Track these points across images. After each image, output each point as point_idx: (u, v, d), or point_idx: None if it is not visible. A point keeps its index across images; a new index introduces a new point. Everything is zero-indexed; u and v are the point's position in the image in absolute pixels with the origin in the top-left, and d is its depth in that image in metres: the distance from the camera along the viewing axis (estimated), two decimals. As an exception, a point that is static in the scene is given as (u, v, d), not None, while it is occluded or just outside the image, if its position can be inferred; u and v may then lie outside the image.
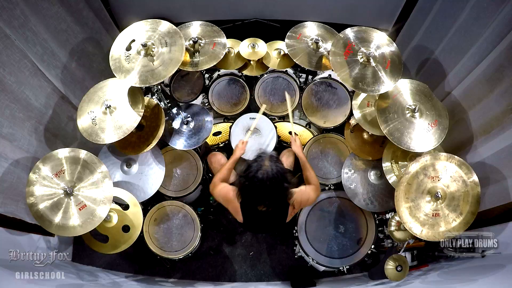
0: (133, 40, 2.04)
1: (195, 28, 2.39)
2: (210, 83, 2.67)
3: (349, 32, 2.14)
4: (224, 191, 1.90)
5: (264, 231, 2.50)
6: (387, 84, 2.01)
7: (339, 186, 2.38)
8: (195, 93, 2.64)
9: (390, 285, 2.21)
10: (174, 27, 2.10)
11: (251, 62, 2.55)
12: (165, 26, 2.09)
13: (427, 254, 2.41)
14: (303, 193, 1.91)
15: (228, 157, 2.51)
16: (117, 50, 2.04)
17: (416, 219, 1.86)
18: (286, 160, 2.41)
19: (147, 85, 2.00)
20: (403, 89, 2.12)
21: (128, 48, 2.03)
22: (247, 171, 1.74)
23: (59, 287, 2.05)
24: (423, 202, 1.88)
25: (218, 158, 2.38)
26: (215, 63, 2.27)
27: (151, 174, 2.33)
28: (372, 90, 2.00)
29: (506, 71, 1.89)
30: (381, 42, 2.12)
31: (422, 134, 2.00)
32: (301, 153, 2.13)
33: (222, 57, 2.28)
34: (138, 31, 2.08)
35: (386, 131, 2.00)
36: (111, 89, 2.10)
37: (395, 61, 2.07)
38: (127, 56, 2.01)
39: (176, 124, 2.41)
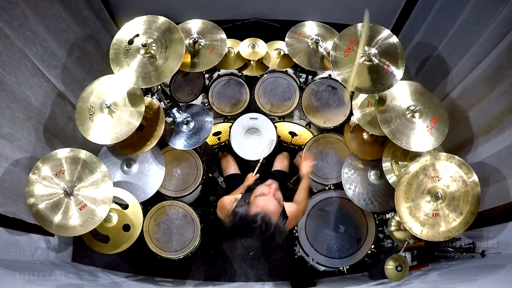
0: (137, 35, 2.00)
1: (195, 25, 2.38)
2: (210, 83, 2.67)
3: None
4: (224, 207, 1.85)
5: None
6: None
7: (339, 186, 2.37)
8: (195, 93, 2.64)
9: (390, 285, 2.21)
10: (175, 26, 2.09)
11: (251, 62, 2.55)
12: (165, 26, 2.09)
13: (427, 254, 2.40)
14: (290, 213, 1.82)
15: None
16: (120, 39, 2.00)
17: (416, 219, 1.86)
18: (281, 164, 2.42)
19: (148, 86, 2.00)
20: (399, 91, 2.10)
21: (131, 42, 1.99)
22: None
23: (59, 287, 2.05)
24: (423, 202, 1.88)
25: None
26: (215, 64, 2.27)
27: (151, 174, 2.33)
28: (372, 90, 2.00)
29: (506, 71, 1.89)
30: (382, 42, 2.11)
31: (423, 133, 2.00)
32: (307, 179, 2.07)
33: (222, 57, 2.28)
34: (139, 30, 2.07)
35: (387, 131, 1.99)
36: (111, 89, 2.10)
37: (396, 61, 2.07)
38: (127, 50, 1.99)
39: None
